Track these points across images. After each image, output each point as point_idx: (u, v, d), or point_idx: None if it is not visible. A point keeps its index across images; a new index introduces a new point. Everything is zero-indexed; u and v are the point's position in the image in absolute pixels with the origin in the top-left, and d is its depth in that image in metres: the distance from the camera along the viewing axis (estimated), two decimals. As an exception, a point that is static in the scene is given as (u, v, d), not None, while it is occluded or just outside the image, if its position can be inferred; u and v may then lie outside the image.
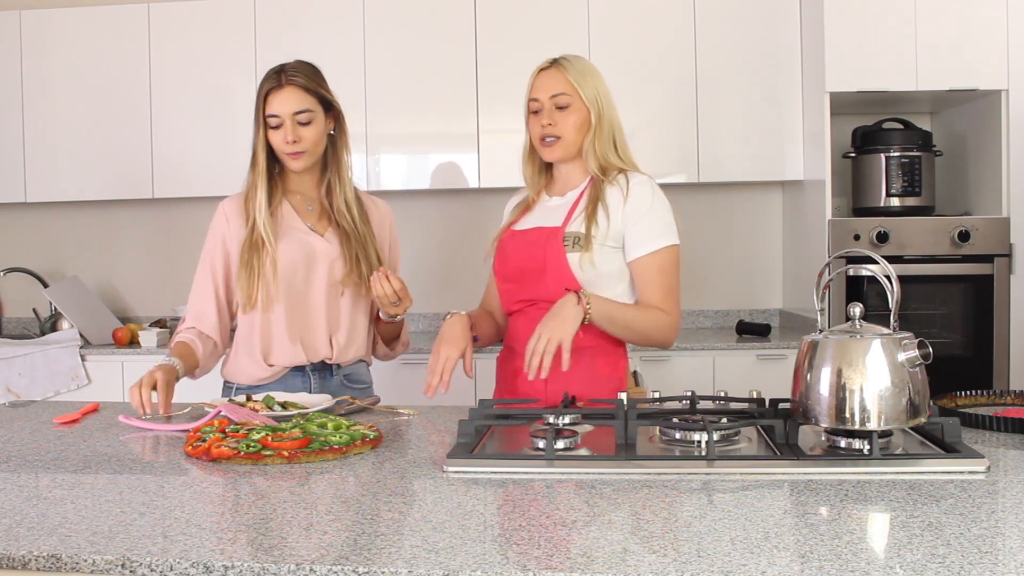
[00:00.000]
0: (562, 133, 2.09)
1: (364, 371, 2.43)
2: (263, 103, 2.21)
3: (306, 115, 2.20)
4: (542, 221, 2.14)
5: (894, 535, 1.18)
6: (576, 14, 3.89)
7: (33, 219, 4.57)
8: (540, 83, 2.12)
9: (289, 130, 2.19)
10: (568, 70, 2.09)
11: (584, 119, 2.09)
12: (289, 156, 2.23)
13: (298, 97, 2.20)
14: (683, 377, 3.53)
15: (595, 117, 2.09)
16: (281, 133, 2.20)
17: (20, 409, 2.20)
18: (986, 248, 3.51)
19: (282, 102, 2.19)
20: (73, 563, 1.15)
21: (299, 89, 2.20)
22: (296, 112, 2.19)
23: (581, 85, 2.08)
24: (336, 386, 2.32)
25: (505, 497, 1.39)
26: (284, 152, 2.22)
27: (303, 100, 2.20)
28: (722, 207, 4.28)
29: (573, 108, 2.08)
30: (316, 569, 1.09)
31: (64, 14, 4.13)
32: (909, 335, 1.53)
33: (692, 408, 1.82)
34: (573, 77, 2.08)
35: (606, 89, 2.13)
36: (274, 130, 2.21)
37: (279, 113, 2.19)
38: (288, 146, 2.20)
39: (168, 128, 4.09)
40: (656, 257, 2.06)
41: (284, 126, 2.20)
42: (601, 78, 2.13)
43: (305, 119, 2.20)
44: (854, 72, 3.52)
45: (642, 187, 2.08)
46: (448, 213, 4.34)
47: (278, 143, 2.22)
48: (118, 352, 3.89)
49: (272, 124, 2.21)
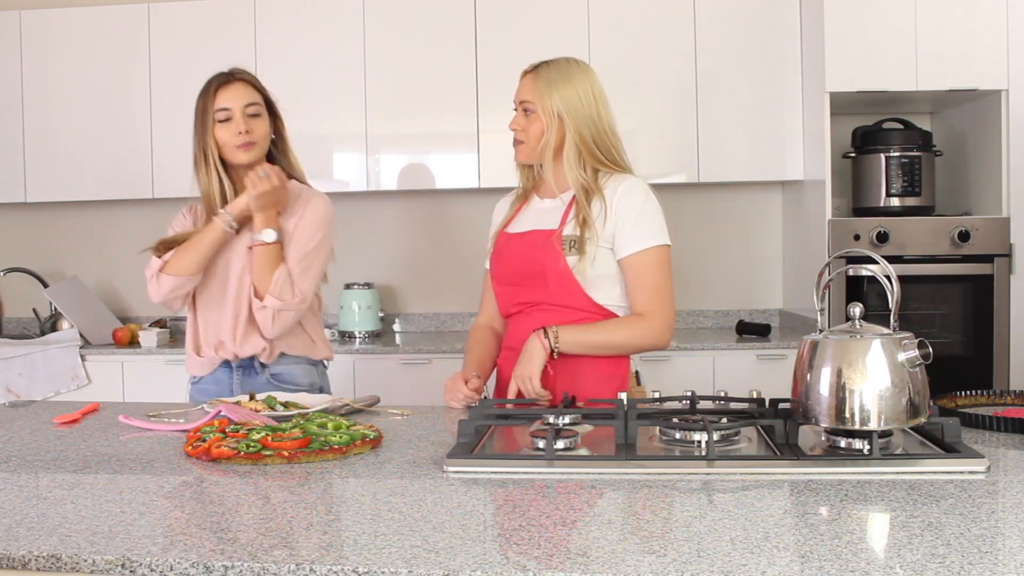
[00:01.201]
0: (525, 139, 2.14)
1: (299, 372, 2.37)
2: (212, 98, 2.26)
3: (255, 108, 2.29)
4: (537, 224, 2.15)
5: (894, 535, 1.18)
6: (576, 14, 3.89)
7: (33, 219, 4.57)
8: (519, 86, 2.17)
9: (240, 122, 2.26)
10: (538, 78, 2.12)
11: (543, 126, 2.10)
12: (240, 148, 2.26)
13: (247, 91, 2.29)
14: (683, 377, 3.53)
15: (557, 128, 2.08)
16: (231, 126, 2.26)
17: (20, 409, 2.20)
18: (986, 248, 3.51)
19: (232, 95, 2.27)
20: (73, 563, 1.15)
21: (247, 84, 2.31)
22: (247, 104, 2.27)
23: (543, 96, 2.09)
24: (263, 384, 2.34)
25: (505, 497, 1.39)
26: (234, 144, 2.26)
27: (252, 94, 2.30)
28: (722, 207, 4.28)
29: (535, 116, 2.11)
30: (316, 569, 1.09)
31: (64, 14, 4.13)
32: (909, 335, 1.53)
33: (692, 408, 1.81)
34: (539, 86, 2.10)
35: (586, 98, 2.08)
36: (223, 124, 2.26)
37: (230, 106, 2.26)
38: (239, 137, 2.25)
39: (168, 128, 4.08)
40: (644, 256, 2.06)
41: (234, 119, 2.26)
42: (581, 87, 2.08)
43: (254, 111, 2.29)
44: (854, 72, 3.52)
45: (632, 188, 2.09)
46: (448, 213, 4.34)
47: (227, 137, 2.26)
48: (118, 352, 3.89)
49: (221, 118, 2.26)
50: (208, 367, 2.36)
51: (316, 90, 3.95)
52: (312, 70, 3.98)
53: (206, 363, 2.36)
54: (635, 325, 2.07)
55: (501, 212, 2.30)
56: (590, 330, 2.06)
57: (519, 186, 2.27)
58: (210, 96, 2.27)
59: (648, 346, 2.10)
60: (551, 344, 2.02)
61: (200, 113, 2.28)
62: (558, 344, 2.02)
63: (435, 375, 3.71)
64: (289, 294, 2.24)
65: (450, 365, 3.70)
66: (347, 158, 4.03)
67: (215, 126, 2.26)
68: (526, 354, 2.03)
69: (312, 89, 3.95)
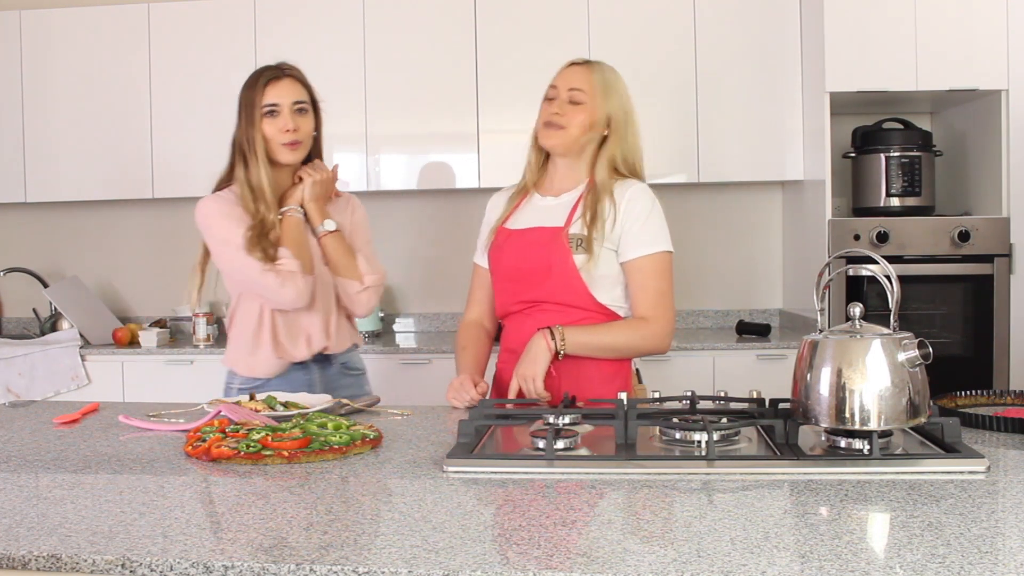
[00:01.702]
0: (567, 125, 2.12)
1: (356, 358, 2.48)
2: (261, 92, 2.22)
3: (302, 105, 2.26)
4: (541, 221, 2.14)
5: (894, 535, 1.18)
6: (576, 14, 3.89)
7: (33, 219, 4.57)
8: (565, 74, 2.16)
9: (288, 119, 2.23)
10: (593, 73, 2.13)
11: (591, 121, 2.11)
12: (286, 146, 2.24)
13: (296, 88, 2.26)
14: (683, 377, 3.53)
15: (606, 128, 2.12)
16: (279, 122, 2.23)
17: (20, 409, 2.20)
18: (986, 248, 3.51)
19: (282, 91, 2.23)
20: (73, 563, 1.15)
21: (297, 81, 2.27)
22: (296, 102, 2.24)
23: (603, 92, 2.11)
24: (336, 374, 2.37)
25: (505, 497, 1.39)
26: (280, 142, 2.23)
27: (300, 91, 2.27)
28: (722, 207, 4.28)
29: (585, 107, 2.11)
30: (316, 569, 1.09)
31: (64, 14, 4.13)
32: (909, 335, 1.53)
33: (692, 408, 1.81)
34: (598, 80, 2.11)
35: (631, 107, 2.15)
36: (270, 119, 2.23)
37: (279, 101, 2.23)
38: (286, 135, 2.23)
39: (168, 128, 4.09)
40: (649, 261, 2.07)
41: (283, 115, 2.23)
42: (627, 95, 2.15)
43: (301, 108, 2.26)
44: (854, 72, 3.52)
45: (640, 193, 2.11)
46: (448, 213, 4.34)
47: (274, 133, 2.23)
48: (118, 352, 3.89)
49: (269, 112, 2.22)
50: (283, 367, 2.31)
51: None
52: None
53: (282, 363, 2.31)
54: (638, 328, 2.08)
55: (497, 207, 2.29)
56: (594, 332, 2.07)
57: (521, 181, 2.27)
58: (258, 90, 2.23)
59: (649, 350, 2.11)
60: (556, 345, 2.02)
61: (246, 106, 2.24)
62: (564, 345, 2.02)
63: (435, 375, 3.71)
64: (379, 271, 2.35)
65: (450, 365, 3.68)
66: (347, 158, 4.03)
67: (262, 121, 2.23)
68: (530, 354, 2.03)
69: (312, 89, 3.95)
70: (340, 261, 2.30)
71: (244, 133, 2.25)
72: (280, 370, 2.31)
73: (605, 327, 2.08)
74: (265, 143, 2.24)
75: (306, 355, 2.31)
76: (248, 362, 2.32)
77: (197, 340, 3.97)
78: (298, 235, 2.25)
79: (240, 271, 2.23)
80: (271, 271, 2.19)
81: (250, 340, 2.31)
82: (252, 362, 2.32)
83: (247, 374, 2.33)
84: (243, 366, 2.34)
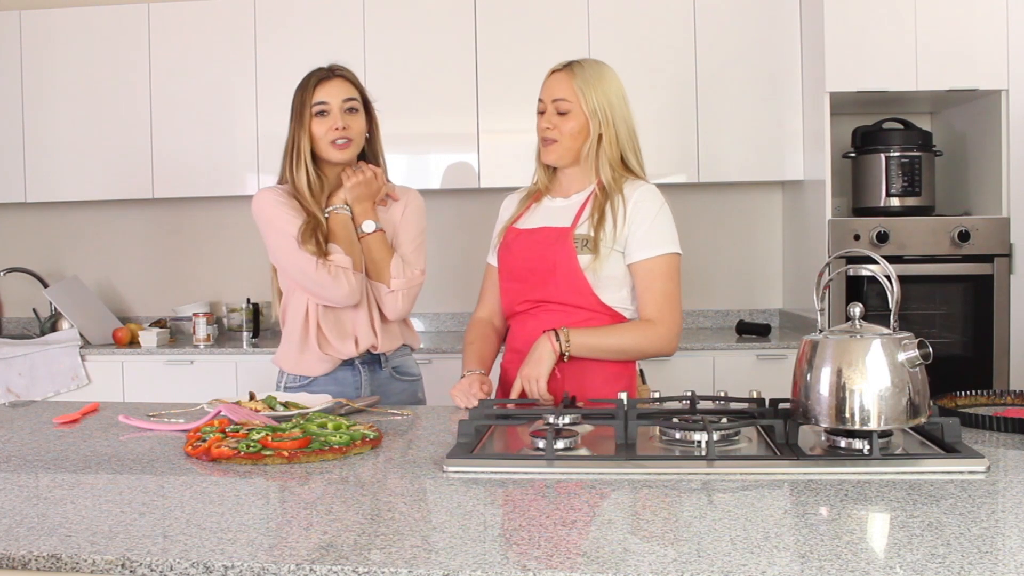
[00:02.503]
0: (558, 137, 2.12)
1: (411, 363, 2.46)
2: (312, 92, 2.25)
3: (354, 103, 2.28)
4: (549, 221, 2.15)
5: (894, 535, 1.18)
6: (576, 14, 3.89)
7: (33, 219, 4.57)
8: (548, 85, 2.15)
9: (338, 117, 2.24)
10: (575, 76, 2.10)
11: (582, 126, 2.10)
12: (335, 146, 2.25)
13: (347, 87, 2.28)
14: (683, 377, 3.53)
15: (596, 127, 2.09)
16: (328, 121, 2.24)
17: (20, 409, 2.20)
18: (986, 248, 3.51)
19: (332, 90, 2.25)
20: (73, 563, 1.15)
21: (347, 81, 2.29)
22: (345, 99, 2.26)
23: (584, 93, 2.09)
24: (386, 379, 2.37)
25: (505, 497, 1.39)
26: (330, 140, 2.25)
27: (351, 90, 2.29)
28: (722, 207, 4.28)
29: (572, 115, 2.10)
30: (316, 569, 1.09)
31: (64, 14, 4.14)
32: (909, 335, 1.53)
33: (692, 408, 1.81)
34: (578, 84, 2.09)
35: (619, 99, 2.11)
36: (320, 118, 2.24)
37: (329, 100, 2.24)
38: (335, 133, 2.24)
39: (168, 128, 4.09)
40: (656, 263, 2.07)
41: (332, 114, 2.24)
42: (613, 87, 2.11)
43: (352, 107, 2.27)
44: (854, 72, 3.52)
45: (648, 194, 2.10)
46: (448, 213, 4.33)
47: (323, 132, 2.24)
48: (118, 352, 3.89)
49: (317, 111, 2.24)
50: (330, 365, 2.31)
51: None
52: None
53: (328, 361, 2.31)
54: (644, 331, 2.07)
55: (509, 208, 2.30)
56: (600, 334, 2.06)
57: (532, 183, 2.27)
58: (309, 90, 2.25)
59: (655, 352, 2.10)
60: (562, 347, 2.02)
61: (297, 107, 2.27)
62: (569, 347, 2.02)
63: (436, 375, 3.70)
64: (411, 272, 2.32)
65: (450, 365, 3.70)
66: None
67: (312, 120, 2.24)
68: (535, 355, 2.03)
69: (312, 89, 3.95)
70: (374, 263, 2.30)
71: (293, 134, 2.27)
72: (328, 369, 2.31)
73: (611, 329, 2.08)
74: (313, 142, 2.26)
75: (354, 353, 2.31)
76: (297, 360, 2.32)
77: (197, 340, 3.97)
78: (346, 232, 2.26)
79: (295, 265, 2.23)
80: (324, 267, 2.20)
81: (298, 338, 2.31)
82: (300, 360, 2.32)
83: (295, 371, 2.33)
84: (291, 364, 2.34)
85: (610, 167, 2.11)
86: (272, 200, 2.26)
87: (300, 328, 2.30)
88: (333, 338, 2.30)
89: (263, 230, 2.29)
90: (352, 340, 2.30)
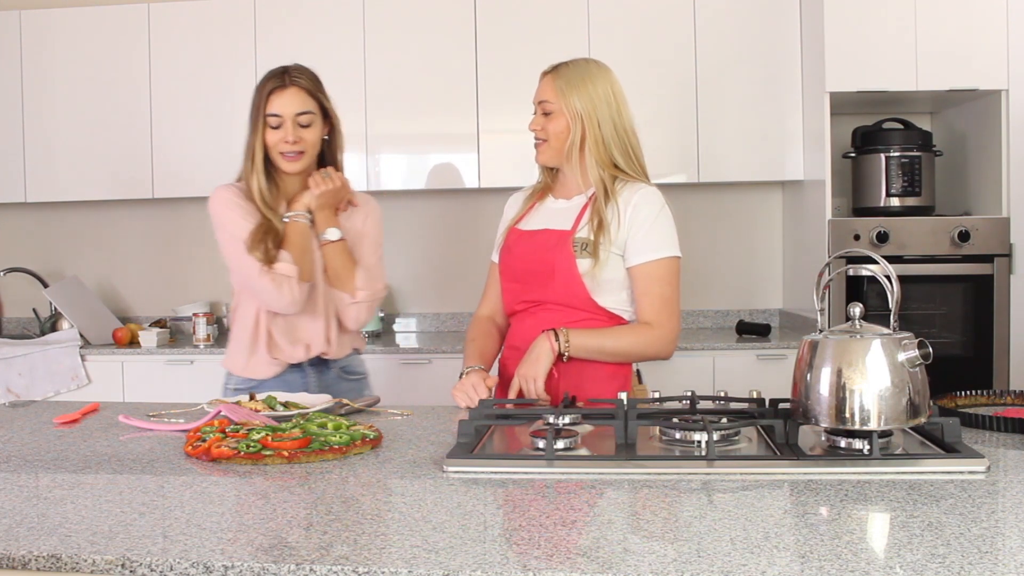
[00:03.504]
0: (547, 137, 2.13)
1: (357, 362, 2.46)
2: (264, 102, 2.21)
3: (307, 117, 2.23)
4: (550, 223, 2.15)
5: (894, 535, 1.18)
6: (576, 14, 3.89)
7: (33, 219, 4.57)
8: (538, 88, 2.16)
9: (290, 130, 2.21)
10: (558, 78, 2.11)
11: (565, 126, 2.10)
12: (286, 157, 2.24)
13: (301, 99, 2.23)
14: (683, 377, 3.53)
15: (578, 127, 2.08)
16: (280, 133, 2.22)
17: (20, 409, 2.20)
18: (986, 248, 3.51)
19: (285, 102, 2.21)
20: (73, 563, 1.15)
21: (302, 91, 2.23)
22: (298, 113, 2.22)
23: (564, 94, 2.09)
24: (334, 379, 2.36)
25: (505, 497, 1.39)
26: (281, 152, 2.23)
27: (305, 102, 2.23)
28: (722, 207, 4.28)
29: (555, 116, 2.11)
30: (316, 569, 1.09)
31: (64, 14, 4.13)
32: (909, 335, 1.53)
33: (692, 408, 1.81)
34: (559, 85, 2.10)
35: (606, 99, 2.09)
36: (273, 130, 2.22)
37: (281, 113, 2.21)
38: (287, 146, 2.22)
39: (168, 128, 4.09)
40: (655, 266, 2.06)
41: (284, 126, 2.21)
42: (600, 87, 2.09)
43: (306, 121, 2.23)
44: (854, 72, 3.52)
45: (648, 197, 2.09)
46: (448, 213, 4.34)
47: (276, 143, 2.22)
48: (118, 352, 3.89)
49: (272, 124, 2.22)
50: (279, 368, 2.30)
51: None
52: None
53: (276, 365, 2.30)
54: (642, 334, 2.07)
55: (514, 207, 2.30)
56: (599, 336, 2.06)
57: (537, 182, 2.27)
58: (263, 99, 2.22)
59: (653, 355, 2.11)
60: (560, 347, 2.02)
61: (253, 112, 2.24)
62: (568, 347, 2.02)
63: (435, 375, 3.71)
64: (376, 285, 2.32)
65: (450, 365, 3.70)
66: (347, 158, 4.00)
67: (265, 128, 2.22)
68: (533, 354, 2.03)
69: (312, 89, 3.95)
70: (336, 272, 2.29)
71: (249, 138, 2.26)
72: (276, 372, 2.31)
73: (609, 331, 2.08)
74: (267, 150, 2.24)
75: (303, 358, 2.31)
76: (245, 363, 2.33)
77: (197, 340, 3.97)
78: (301, 240, 2.24)
79: (240, 269, 2.23)
80: (268, 274, 2.19)
81: (248, 341, 2.31)
82: (248, 363, 2.32)
83: (243, 374, 2.33)
84: (240, 367, 2.34)
85: (598, 167, 2.10)
86: (226, 200, 2.25)
87: (250, 331, 2.30)
88: (284, 343, 2.30)
89: (215, 229, 2.28)
90: (303, 346, 2.31)
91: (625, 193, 2.09)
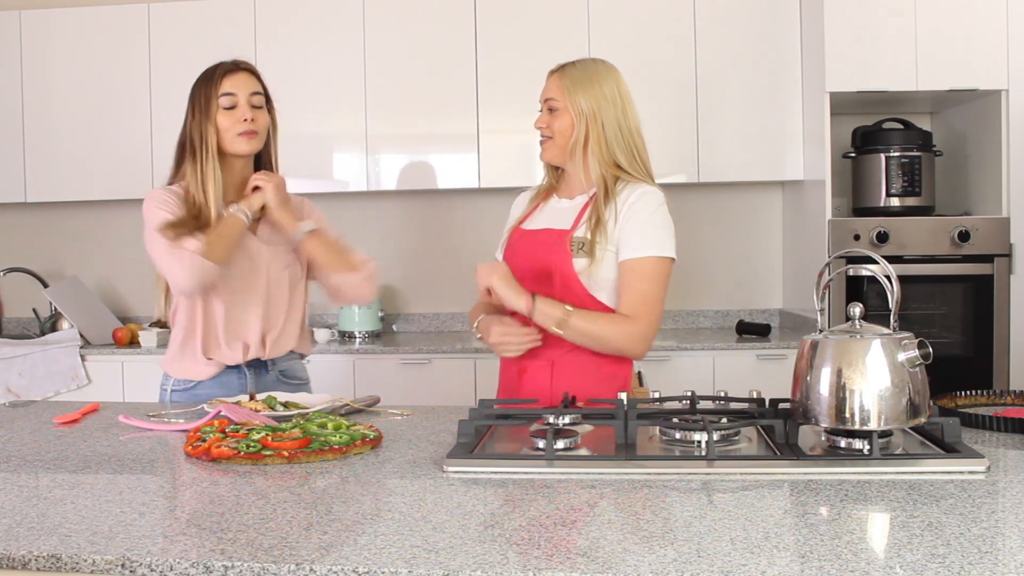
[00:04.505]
0: (552, 135, 2.13)
1: (300, 368, 2.44)
2: (218, 83, 2.23)
3: (259, 98, 2.28)
4: (551, 223, 2.15)
5: (894, 535, 1.18)
6: (576, 14, 3.89)
7: (33, 219, 4.57)
8: (545, 86, 2.17)
9: (245, 109, 2.23)
10: (563, 77, 2.12)
11: (569, 123, 2.10)
12: (242, 136, 2.23)
13: (252, 81, 2.28)
14: (683, 377, 3.53)
15: (582, 125, 2.09)
16: (236, 113, 2.23)
17: (20, 409, 2.21)
18: (986, 248, 3.51)
19: (239, 82, 2.25)
20: (73, 563, 1.15)
21: (252, 76, 2.29)
22: (252, 93, 2.25)
23: (570, 92, 2.09)
24: (272, 382, 2.34)
25: (505, 497, 1.39)
26: (236, 132, 2.22)
27: (256, 84, 2.28)
28: (722, 207, 4.28)
29: (560, 113, 2.11)
30: (316, 569, 1.09)
31: (64, 14, 4.14)
32: (909, 335, 1.53)
33: (692, 408, 1.81)
34: (565, 84, 2.10)
35: (612, 99, 2.10)
36: (227, 111, 2.23)
37: (236, 92, 2.23)
38: (243, 125, 2.22)
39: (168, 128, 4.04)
40: (642, 263, 2.04)
41: (239, 106, 2.23)
42: (606, 87, 2.10)
43: (258, 102, 2.27)
44: (854, 72, 3.52)
45: (646, 197, 2.08)
46: (448, 213, 4.34)
47: (230, 124, 2.22)
48: (118, 352, 3.89)
49: (225, 104, 2.22)
50: (215, 369, 2.29)
51: (316, 90, 3.96)
52: (312, 70, 3.98)
53: (213, 366, 2.29)
54: (617, 324, 2.04)
55: (519, 207, 2.30)
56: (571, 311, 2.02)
57: (543, 183, 2.27)
58: (215, 82, 2.23)
59: (620, 348, 2.06)
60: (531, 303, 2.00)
61: (202, 100, 2.24)
62: (535, 303, 2.00)
63: (435, 375, 3.71)
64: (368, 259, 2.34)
65: (450, 365, 3.71)
66: (347, 158, 4.03)
67: (218, 112, 2.23)
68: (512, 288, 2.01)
69: (312, 89, 3.95)
70: (331, 257, 2.29)
71: (197, 127, 2.24)
72: (213, 373, 2.29)
73: (583, 311, 2.04)
74: (218, 135, 2.24)
75: (240, 360, 2.29)
76: (180, 364, 2.31)
77: (197, 340, 3.97)
78: (227, 229, 2.19)
79: (150, 251, 2.20)
80: (174, 251, 2.14)
81: (183, 342, 2.30)
82: (183, 364, 2.31)
83: (180, 376, 2.32)
84: (176, 368, 2.33)
85: (600, 166, 2.10)
86: (159, 199, 2.24)
87: (187, 332, 2.29)
88: (220, 343, 2.28)
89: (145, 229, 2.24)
90: (241, 346, 2.29)
91: (625, 192, 2.09)
